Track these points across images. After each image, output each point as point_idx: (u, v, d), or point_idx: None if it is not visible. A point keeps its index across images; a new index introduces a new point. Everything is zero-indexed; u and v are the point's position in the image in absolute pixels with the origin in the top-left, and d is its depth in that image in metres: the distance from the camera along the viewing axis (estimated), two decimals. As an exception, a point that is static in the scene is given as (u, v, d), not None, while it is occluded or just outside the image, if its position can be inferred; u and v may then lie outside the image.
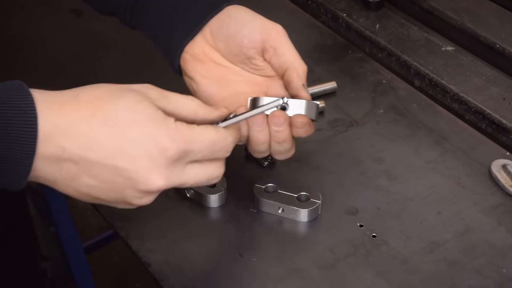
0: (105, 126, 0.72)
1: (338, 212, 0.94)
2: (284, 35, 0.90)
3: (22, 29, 1.28)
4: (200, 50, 0.91)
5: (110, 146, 0.72)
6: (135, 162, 0.72)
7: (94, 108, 0.73)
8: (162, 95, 0.77)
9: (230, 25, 0.89)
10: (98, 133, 0.72)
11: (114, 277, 2.21)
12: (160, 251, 0.90)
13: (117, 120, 0.72)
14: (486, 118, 1.07)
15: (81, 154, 0.71)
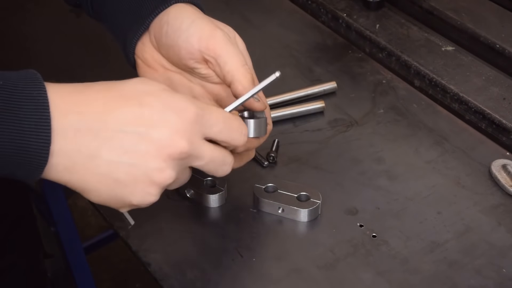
0: (123, 97, 0.72)
1: (338, 212, 0.94)
2: (223, 42, 0.85)
3: (22, 29, 1.28)
4: (150, 56, 0.90)
5: (130, 114, 0.72)
6: (156, 126, 0.72)
7: (109, 85, 0.74)
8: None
9: (168, 34, 0.87)
10: (116, 103, 0.72)
11: (114, 277, 2.21)
12: (160, 251, 0.90)
13: (133, 92, 0.73)
14: (486, 118, 1.07)
15: (100, 123, 0.71)
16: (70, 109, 0.70)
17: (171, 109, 0.73)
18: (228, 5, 1.32)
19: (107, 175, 0.72)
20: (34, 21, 1.30)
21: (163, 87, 0.75)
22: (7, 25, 1.30)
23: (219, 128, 0.77)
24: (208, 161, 0.77)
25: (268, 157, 1.01)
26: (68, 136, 0.70)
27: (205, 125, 0.75)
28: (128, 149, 0.72)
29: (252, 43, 0.91)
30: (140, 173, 0.73)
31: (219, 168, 0.79)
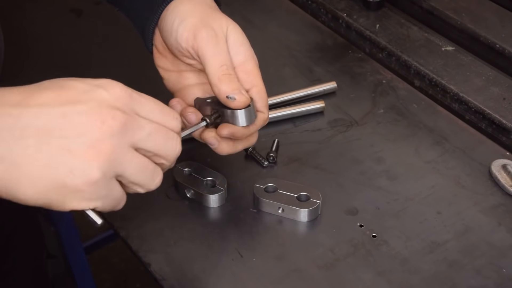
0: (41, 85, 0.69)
1: (338, 212, 0.94)
2: (204, 43, 0.85)
3: (22, 29, 1.28)
4: (160, 43, 0.92)
5: (51, 94, 0.67)
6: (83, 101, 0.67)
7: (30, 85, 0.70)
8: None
9: (163, 31, 0.89)
10: (35, 89, 0.68)
11: (114, 277, 2.21)
12: (160, 251, 0.90)
13: (52, 81, 0.70)
14: (486, 118, 1.07)
15: (20, 107, 0.66)
16: None
17: (97, 86, 0.69)
18: (228, 6, 1.32)
19: (38, 154, 0.66)
20: (34, 21, 1.30)
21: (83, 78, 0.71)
22: (7, 25, 1.30)
23: (150, 107, 0.72)
24: (151, 131, 0.71)
25: (268, 157, 1.01)
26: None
27: (134, 102, 0.71)
28: (57, 125, 0.66)
29: (252, 43, 0.91)
30: (75, 146, 0.66)
31: (167, 143, 0.73)
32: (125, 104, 0.70)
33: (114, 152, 0.68)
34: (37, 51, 1.23)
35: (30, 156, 0.66)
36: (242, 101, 0.85)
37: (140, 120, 0.71)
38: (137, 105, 0.71)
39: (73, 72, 1.18)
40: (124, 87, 0.72)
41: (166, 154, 0.74)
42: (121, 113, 0.68)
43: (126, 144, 0.69)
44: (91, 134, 0.67)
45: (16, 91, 0.68)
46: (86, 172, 0.67)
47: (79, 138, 0.66)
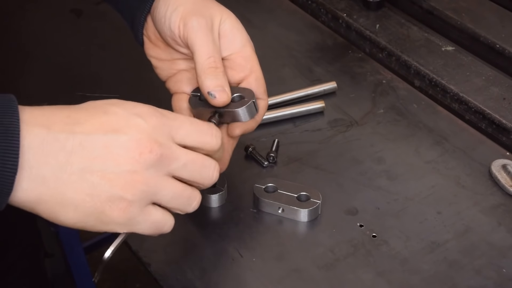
0: (86, 109, 0.72)
1: (338, 212, 0.94)
2: (194, 31, 0.85)
3: (22, 29, 1.28)
4: (152, 33, 0.92)
5: (96, 121, 0.71)
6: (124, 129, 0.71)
7: (72, 105, 0.73)
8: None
9: (157, 19, 0.88)
10: (80, 114, 0.71)
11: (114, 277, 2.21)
12: (160, 251, 0.90)
13: (95, 104, 0.73)
14: (486, 118, 1.07)
15: (66, 133, 0.69)
16: (37, 124, 0.69)
17: (136, 114, 0.72)
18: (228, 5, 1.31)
19: (81, 183, 0.70)
20: (34, 21, 1.30)
21: (122, 100, 0.75)
22: (7, 25, 1.30)
23: (186, 130, 0.75)
24: (187, 162, 0.74)
25: (268, 157, 1.01)
26: (34, 148, 0.68)
27: (171, 127, 0.74)
28: (99, 154, 0.70)
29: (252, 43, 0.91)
30: (114, 176, 0.70)
31: (203, 171, 0.76)
32: (162, 133, 0.73)
33: (148, 182, 0.72)
34: (37, 51, 1.23)
35: (74, 183, 0.70)
36: (222, 101, 0.85)
37: (176, 151, 0.74)
38: (174, 131, 0.74)
39: (73, 72, 1.18)
40: (160, 114, 0.74)
41: (202, 182, 0.77)
42: (158, 146, 0.72)
43: (161, 173, 0.73)
44: (129, 166, 0.71)
45: (62, 114, 0.71)
46: (121, 201, 0.71)
47: (117, 168, 0.70)
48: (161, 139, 0.72)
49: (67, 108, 0.72)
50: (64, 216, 0.71)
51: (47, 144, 0.68)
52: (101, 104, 0.73)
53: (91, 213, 0.71)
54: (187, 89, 0.91)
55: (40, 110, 0.71)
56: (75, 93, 1.13)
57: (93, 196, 0.70)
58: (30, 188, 0.68)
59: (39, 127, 0.68)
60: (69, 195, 0.70)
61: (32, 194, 0.69)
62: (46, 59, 1.21)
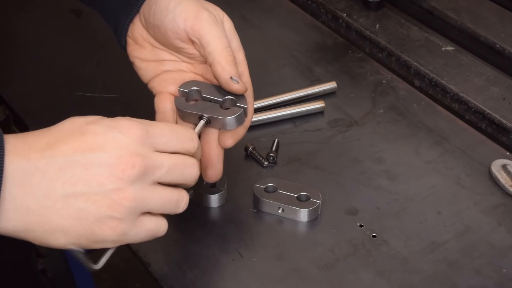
0: (63, 132, 0.72)
1: (338, 212, 0.94)
2: (208, 23, 0.85)
3: (22, 29, 1.28)
4: (139, 34, 0.91)
5: (74, 144, 0.70)
6: (103, 147, 0.70)
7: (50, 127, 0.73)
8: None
9: (156, 14, 0.87)
10: (58, 138, 0.71)
11: (114, 277, 2.21)
12: (160, 251, 0.90)
13: (73, 125, 0.73)
14: (486, 118, 1.07)
15: (46, 159, 0.69)
16: (18, 154, 0.69)
17: (114, 129, 0.72)
18: (228, 5, 1.32)
19: (67, 209, 0.69)
20: (34, 21, 1.30)
21: (100, 116, 0.74)
22: (7, 25, 1.30)
23: (166, 138, 0.75)
24: (169, 167, 0.74)
25: (268, 157, 1.01)
26: (15, 179, 0.68)
27: (152, 137, 0.73)
28: (80, 177, 0.69)
29: (252, 43, 0.91)
30: (98, 197, 0.70)
31: (185, 172, 0.76)
32: (143, 144, 0.72)
33: (135, 198, 0.71)
34: (37, 51, 1.23)
35: (59, 210, 0.69)
36: (243, 86, 0.85)
37: (158, 159, 0.73)
38: (154, 140, 0.74)
39: (72, 72, 1.18)
40: (139, 125, 0.73)
41: (186, 182, 0.77)
42: (140, 159, 0.71)
43: (147, 184, 0.73)
44: (113, 185, 0.70)
45: (42, 140, 0.71)
46: (111, 220, 0.71)
47: (101, 189, 0.70)
48: (142, 150, 0.72)
49: (47, 132, 0.72)
50: (55, 241, 0.72)
51: (28, 175, 0.68)
52: (79, 123, 0.73)
53: (82, 235, 0.71)
54: (172, 89, 0.89)
55: (21, 138, 0.71)
56: (75, 93, 1.13)
57: (80, 220, 0.70)
58: (15, 218, 0.69)
59: (20, 158, 0.69)
60: (56, 222, 0.70)
61: (18, 223, 0.69)
62: (46, 59, 1.21)
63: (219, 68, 0.84)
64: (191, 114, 0.86)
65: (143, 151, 0.72)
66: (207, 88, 0.87)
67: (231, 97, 0.86)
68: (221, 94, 0.86)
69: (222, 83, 0.85)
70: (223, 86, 0.85)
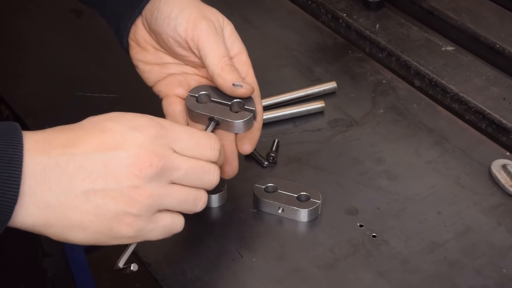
0: (83, 129, 0.73)
1: (338, 212, 0.94)
2: (206, 34, 0.86)
3: (22, 29, 1.28)
4: (141, 37, 0.91)
5: (94, 141, 0.71)
6: (122, 146, 0.71)
7: (70, 125, 0.74)
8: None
9: (158, 20, 0.88)
10: (78, 136, 0.72)
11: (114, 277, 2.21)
12: (160, 251, 0.90)
13: (92, 122, 0.74)
14: (486, 118, 1.07)
15: (66, 156, 0.70)
16: (38, 150, 0.70)
17: (133, 129, 0.73)
18: (228, 5, 1.32)
19: (86, 205, 0.71)
20: (34, 21, 1.30)
21: (120, 112, 0.75)
22: (8, 25, 1.30)
23: (185, 143, 0.76)
24: (188, 170, 0.75)
25: (268, 157, 1.01)
26: (36, 175, 0.69)
27: (170, 139, 0.75)
28: (100, 174, 0.71)
29: (252, 43, 0.91)
30: (117, 194, 0.71)
31: (204, 177, 0.77)
32: (161, 145, 0.73)
33: (152, 195, 0.73)
34: (37, 51, 1.23)
35: (78, 206, 0.71)
36: (248, 89, 0.86)
37: (176, 161, 0.74)
38: (173, 142, 0.75)
39: (72, 72, 1.18)
40: (159, 125, 0.74)
41: (204, 186, 0.78)
42: (157, 159, 0.72)
43: (164, 183, 0.74)
44: (130, 182, 0.71)
45: (63, 137, 0.72)
46: (128, 216, 0.72)
47: (119, 185, 0.71)
48: (160, 151, 0.73)
49: (67, 129, 0.73)
50: (74, 237, 0.73)
51: (49, 170, 0.69)
52: (99, 121, 0.74)
53: (100, 231, 0.72)
54: (180, 92, 0.90)
55: (41, 134, 0.71)
56: (75, 93, 1.13)
57: (99, 216, 0.71)
58: (35, 213, 0.70)
59: (40, 154, 0.69)
60: (75, 218, 0.71)
61: (38, 219, 0.70)
62: (46, 59, 1.21)
63: (220, 80, 0.86)
64: (201, 115, 0.87)
65: (161, 151, 0.73)
66: (216, 92, 0.88)
67: (239, 100, 0.87)
68: (230, 98, 0.87)
69: (227, 92, 0.87)
70: (229, 94, 0.87)
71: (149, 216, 0.74)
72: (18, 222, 0.70)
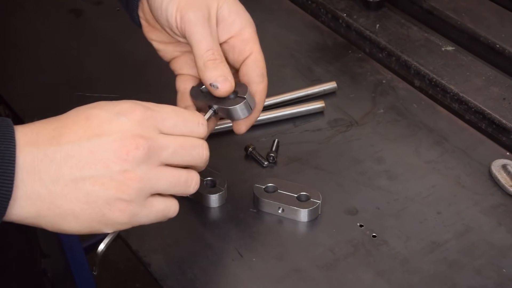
0: (69, 118, 0.73)
1: (338, 212, 0.94)
2: (192, 25, 0.84)
3: (22, 29, 1.28)
4: (150, 17, 0.91)
5: (79, 129, 0.71)
6: (107, 131, 0.71)
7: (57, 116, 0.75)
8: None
9: (153, 9, 0.88)
10: (64, 125, 0.72)
11: (114, 277, 2.21)
12: (160, 251, 0.90)
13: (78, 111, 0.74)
14: (486, 118, 1.07)
15: (54, 146, 0.70)
16: (27, 142, 0.70)
17: (117, 113, 0.73)
18: (228, 5, 1.31)
19: (76, 193, 0.71)
20: (34, 21, 1.30)
21: (104, 101, 0.75)
22: (7, 25, 1.30)
23: (172, 121, 0.76)
24: (176, 148, 0.75)
25: (268, 157, 1.01)
26: (26, 166, 0.69)
27: (156, 120, 0.74)
28: (87, 161, 0.71)
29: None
30: (106, 180, 0.71)
31: (193, 152, 0.77)
32: (147, 127, 0.73)
33: (142, 178, 0.72)
34: (37, 51, 1.23)
35: (68, 194, 0.71)
36: (224, 90, 0.84)
37: (163, 141, 0.74)
38: (159, 123, 0.75)
39: (72, 72, 1.18)
40: (144, 108, 0.74)
41: (195, 163, 0.78)
42: (144, 140, 0.72)
43: (153, 166, 0.73)
44: (119, 166, 0.71)
45: (49, 127, 0.72)
46: (120, 201, 0.72)
47: (108, 171, 0.71)
48: (145, 132, 0.73)
49: (54, 119, 0.74)
50: (67, 226, 0.73)
51: (38, 161, 0.70)
52: (84, 109, 0.74)
53: (93, 218, 0.72)
54: (192, 71, 0.90)
55: (29, 127, 0.72)
56: (75, 93, 1.13)
57: (90, 203, 0.71)
58: (27, 205, 0.70)
59: (29, 145, 0.70)
60: (67, 207, 0.71)
61: (30, 210, 0.71)
62: (45, 59, 1.21)
63: (201, 76, 0.85)
64: (203, 104, 0.88)
65: (146, 133, 0.73)
66: None
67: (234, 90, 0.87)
68: None
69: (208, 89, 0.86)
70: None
71: (141, 201, 0.73)
72: (13, 215, 0.70)
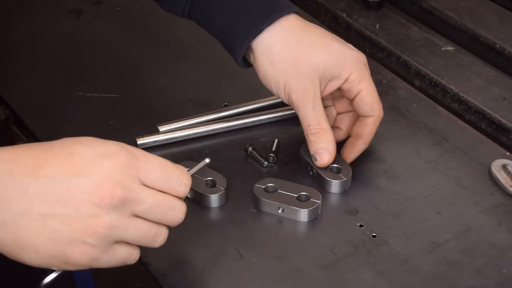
0: (52, 149, 0.72)
1: (338, 212, 0.94)
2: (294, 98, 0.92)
3: (21, 29, 1.28)
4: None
5: (59, 163, 0.70)
6: (87, 172, 0.70)
7: (41, 143, 0.73)
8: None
9: (256, 61, 0.92)
10: (45, 156, 0.71)
11: (114, 277, 2.21)
12: (160, 251, 0.89)
13: (63, 144, 0.73)
14: (486, 118, 1.07)
15: (29, 177, 0.69)
16: (1, 169, 0.69)
17: (101, 155, 0.71)
18: (228, 5, 1.31)
19: (42, 228, 0.69)
20: (34, 21, 1.29)
21: (93, 138, 0.73)
22: (7, 25, 1.30)
23: (155, 175, 0.74)
24: (152, 204, 0.73)
25: (268, 157, 1.01)
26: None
27: (140, 170, 0.73)
28: (59, 199, 0.69)
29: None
30: (74, 220, 0.70)
31: (169, 213, 0.75)
32: (129, 175, 0.72)
33: (111, 225, 0.71)
34: (37, 51, 1.23)
35: (34, 228, 0.70)
36: (321, 163, 0.94)
37: (141, 194, 0.73)
38: (142, 173, 0.73)
39: (72, 72, 1.18)
40: (130, 155, 0.73)
41: (167, 223, 0.77)
42: (121, 190, 0.71)
43: (125, 215, 0.72)
44: (89, 210, 0.70)
45: (29, 156, 0.71)
46: (83, 244, 0.71)
47: (78, 213, 0.70)
48: (125, 181, 0.71)
49: (36, 147, 0.72)
50: (27, 258, 0.72)
51: (9, 190, 0.69)
52: (69, 143, 0.72)
53: (53, 256, 0.71)
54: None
55: (9, 152, 0.71)
56: (75, 93, 1.13)
57: (53, 241, 0.70)
58: None
59: (4, 173, 0.69)
60: (29, 240, 0.70)
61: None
62: (46, 59, 1.21)
63: (308, 145, 0.95)
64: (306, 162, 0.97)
65: (126, 182, 0.71)
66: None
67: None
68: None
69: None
70: None
71: (105, 247, 0.72)
72: None
